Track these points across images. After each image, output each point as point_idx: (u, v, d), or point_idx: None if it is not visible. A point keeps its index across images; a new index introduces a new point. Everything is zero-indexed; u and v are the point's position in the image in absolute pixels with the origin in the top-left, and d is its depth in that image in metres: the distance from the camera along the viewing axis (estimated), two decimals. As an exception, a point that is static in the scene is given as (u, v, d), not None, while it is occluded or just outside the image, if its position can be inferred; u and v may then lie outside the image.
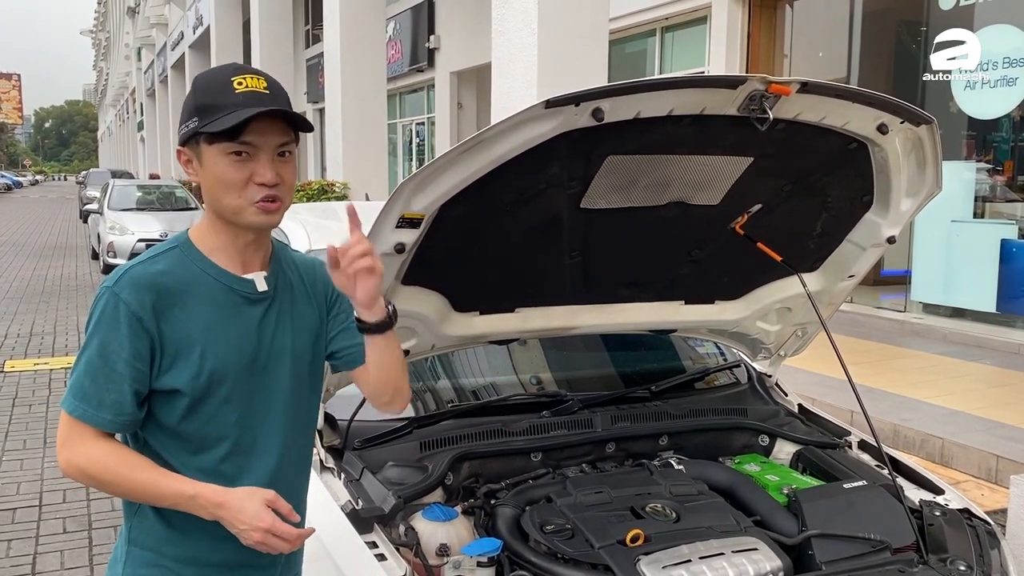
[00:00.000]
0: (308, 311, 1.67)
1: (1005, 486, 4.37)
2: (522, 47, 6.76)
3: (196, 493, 1.45)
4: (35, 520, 4.30)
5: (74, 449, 1.48)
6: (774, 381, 3.01)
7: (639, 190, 2.16)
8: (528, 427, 2.46)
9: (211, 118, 1.45)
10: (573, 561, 1.90)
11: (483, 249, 2.21)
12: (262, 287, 1.58)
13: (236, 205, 1.49)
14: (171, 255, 1.54)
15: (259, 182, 1.48)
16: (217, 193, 1.50)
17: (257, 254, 1.59)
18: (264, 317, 1.59)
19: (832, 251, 2.55)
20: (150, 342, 1.47)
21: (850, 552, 2.02)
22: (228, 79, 1.48)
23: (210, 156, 1.48)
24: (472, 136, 1.85)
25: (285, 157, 1.52)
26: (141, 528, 1.57)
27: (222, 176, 1.48)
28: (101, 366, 1.46)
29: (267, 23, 17.99)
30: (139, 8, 43.58)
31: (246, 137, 1.46)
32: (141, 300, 1.46)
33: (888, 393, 5.97)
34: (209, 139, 1.47)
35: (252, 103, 1.45)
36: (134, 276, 1.49)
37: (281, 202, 1.52)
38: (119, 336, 1.45)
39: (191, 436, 1.53)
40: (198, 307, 1.51)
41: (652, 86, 1.85)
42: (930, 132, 2.18)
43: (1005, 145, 8.75)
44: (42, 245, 19.38)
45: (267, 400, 1.59)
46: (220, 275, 1.55)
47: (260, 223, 1.52)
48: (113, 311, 1.46)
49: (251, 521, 1.43)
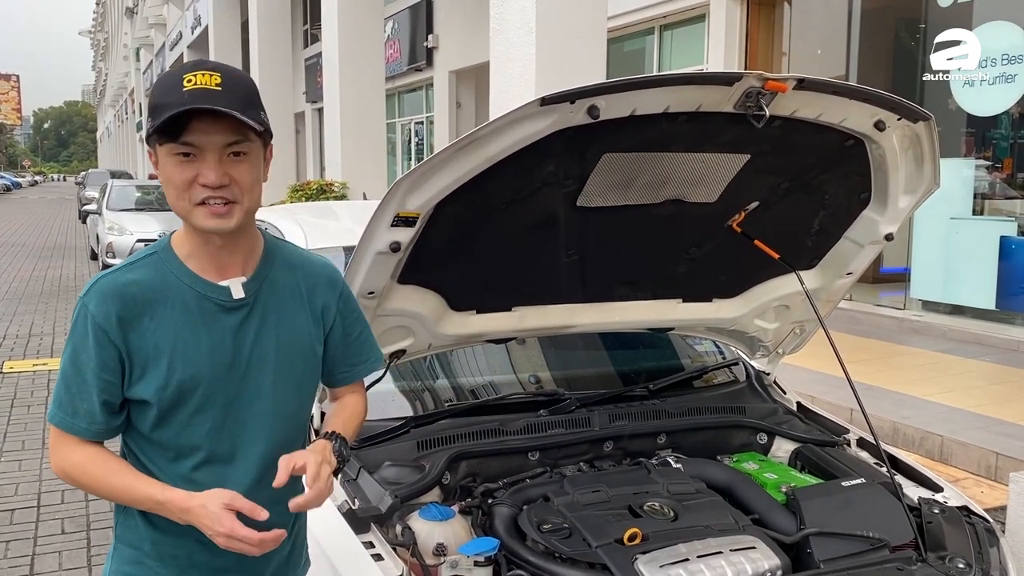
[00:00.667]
0: (299, 319, 1.61)
1: (1005, 483, 4.36)
2: (520, 46, 6.75)
3: (165, 499, 1.45)
4: (33, 521, 4.30)
5: (59, 454, 1.51)
6: (772, 379, 3.00)
7: (635, 188, 2.15)
8: (525, 426, 2.45)
9: (158, 118, 1.40)
10: (570, 560, 1.89)
11: (479, 248, 2.21)
12: (238, 294, 1.53)
13: (183, 207, 1.46)
14: (148, 262, 1.52)
15: (202, 183, 1.42)
16: (169, 195, 1.46)
17: (234, 257, 1.53)
18: (242, 325, 1.53)
19: (830, 248, 2.55)
20: (116, 353, 1.46)
21: (848, 550, 2.01)
22: (180, 76, 1.42)
23: (161, 156, 1.44)
24: (467, 134, 1.84)
25: (239, 157, 1.45)
26: (126, 526, 1.58)
27: (169, 177, 1.44)
28: (73, 375, 1.47)
29: (265, 23, 17.98)
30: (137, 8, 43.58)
31: (187, 137, 1.40)
32: (106, 312, 1.44)
33: (888, 391, 5.96)
34: (159, 140, 1.42)
35: (196, 101, 1.38)
36: (102, 287, 1.47)
37: (235, 204, 1.45)
38: (87, 347, 1.45)
39: (166, 444, 1.52)
40: (168, 316, 1.48)
41: (648, 83, 1.84)
42: (927, 128, 2.17)
43: (1004, 142, 8.74)
44: (41, 246, 19.37)
45: (246, 410, 1.55)
46: (194, 282, 1.51)
47: (210, 227, 1.45)
48: (83, 322, 1.46)
49: (212, 525, 1.41)
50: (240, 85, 1.45)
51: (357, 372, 1.75)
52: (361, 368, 1.75)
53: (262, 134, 1.47)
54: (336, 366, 1.71)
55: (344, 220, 4.00)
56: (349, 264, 2.05)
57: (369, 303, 2.13)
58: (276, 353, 1.56)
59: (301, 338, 1.61)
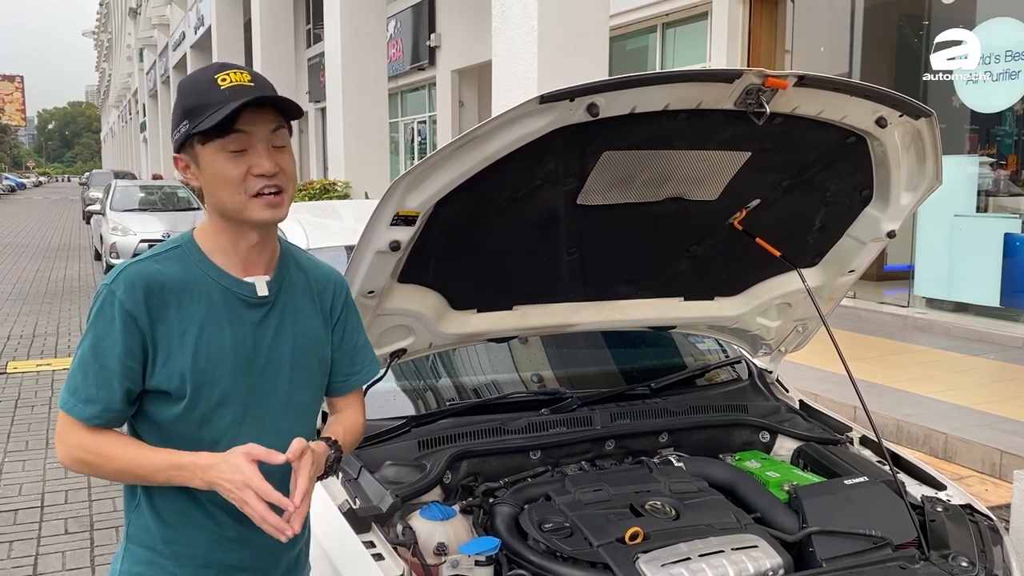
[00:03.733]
0: (313, 320, 1.65)
1: (1009, 481, 4.35)
2: (522, 44, 6.75)
3: (188, 462, 1.44)
4: (37, 521, 4.30)
5: (67, 441, 1.49)
6: (775, 377, 2.99)
7: (636, 186, 2.14)
8: (527, 425, 2.45)
9: (200, 117, 1.44)
10: (572, 559, 1.89)
11: (480, 246, 2.20)
12: (263, 291, 1.56)
13: (238, 202, 1.48)
14: (173, 254, 1.53)
15: (257, 173, 1.46)
16: (218, 193, 1.48)
17: (261, 256, 1.57)
18: (263, 322, 1.56)
19: (832, 246, 2.54)
20: (143, 340, 1.46)
21: (851, 549, 2.01)
22: (212, 77, 1.47)
23: (206, 156, 1.47)
24: (466, 132, 1.83)
25: (281, 148, 1.51)
26: (138, 525, 1.57)
27: (221, 174, 1.47)
28: (93, 362, 1.46)
29: (268, 23, 17.99)
30: (141, 9, 43.62)
31: (238, 131, 1.45)
32: (135, 298, 1.45)
33: (891, 388, 5.95)
34: (202, 139, 1.46)
35: (238, 96, 1.43)
36: (131, 274, 1.48)
37: (284, 193, 1.51)
38: (113, 333, 1.45)
39: (183, 437, 1.51)
40: (194, 308, 1.50)
41: (647, 80, 1.83)
42: (929, 125, 2.16)
43: (1008, 139, 8.71)
44: (45, 246, 19.41)
45: (264, 406, 1.57)
46: (220, 277, 1.53)
47: (267, 218, 1.50)
48: (109, 308, 1.46)
49: (232, 475, 1.39)
50: (266, 81, 1.53)
51: (353, 382, 1.75)
52: (357, 378, 1.76)
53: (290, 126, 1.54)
54: (334, 374, 1.71)
55: (346, 219, 4.00)
56: (349, 263, 2.04)
57: (369, 302, 2.12)
58: (293, 351, 1.59)
59: (315, 338, 1.64)
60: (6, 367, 7.66)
